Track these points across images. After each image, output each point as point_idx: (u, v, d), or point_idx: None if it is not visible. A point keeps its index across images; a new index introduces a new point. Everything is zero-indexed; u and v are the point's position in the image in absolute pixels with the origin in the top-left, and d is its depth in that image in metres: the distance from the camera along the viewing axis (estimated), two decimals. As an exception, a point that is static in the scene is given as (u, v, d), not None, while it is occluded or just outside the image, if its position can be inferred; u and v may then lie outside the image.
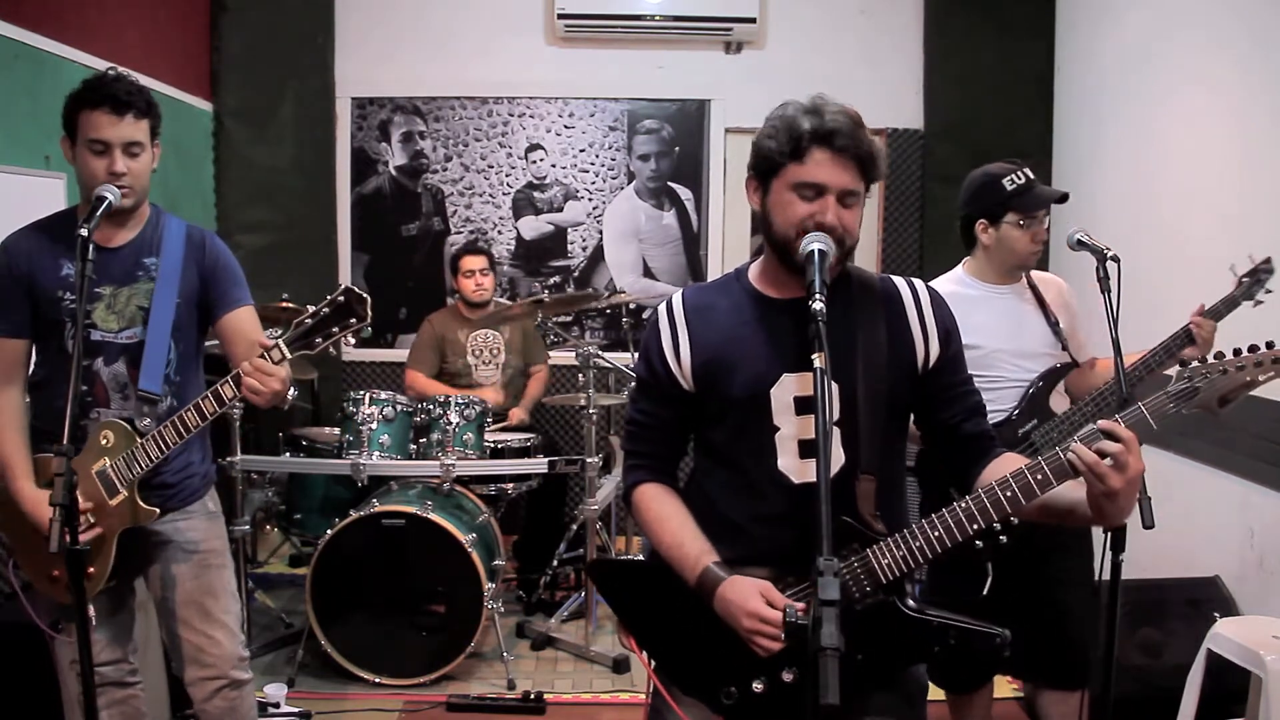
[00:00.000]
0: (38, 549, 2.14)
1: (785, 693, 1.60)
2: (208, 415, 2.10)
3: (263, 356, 2.01)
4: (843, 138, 1.55)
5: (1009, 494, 1.51)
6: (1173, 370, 2.44)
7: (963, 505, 1.53)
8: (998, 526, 1.54)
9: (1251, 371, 1.60)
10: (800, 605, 1.48)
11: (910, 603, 1.57)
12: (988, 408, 2.46)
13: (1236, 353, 1.62)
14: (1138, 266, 2.61)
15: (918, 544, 1.54)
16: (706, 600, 1.60)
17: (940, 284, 2.59)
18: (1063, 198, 2.48)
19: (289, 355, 2.03)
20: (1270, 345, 1.62)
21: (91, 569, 2.13)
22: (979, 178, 2.56)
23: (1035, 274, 2.60)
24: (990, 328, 2.49)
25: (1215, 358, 1.62)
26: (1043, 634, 2.54)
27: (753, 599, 1.54)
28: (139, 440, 2.14)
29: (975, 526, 1.52)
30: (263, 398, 2.03)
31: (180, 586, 2.28)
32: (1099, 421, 1.48)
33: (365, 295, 2.03)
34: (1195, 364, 1.61)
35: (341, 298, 2.02)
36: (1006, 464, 1.64)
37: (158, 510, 2.18)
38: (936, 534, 1.54)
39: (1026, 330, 2.53)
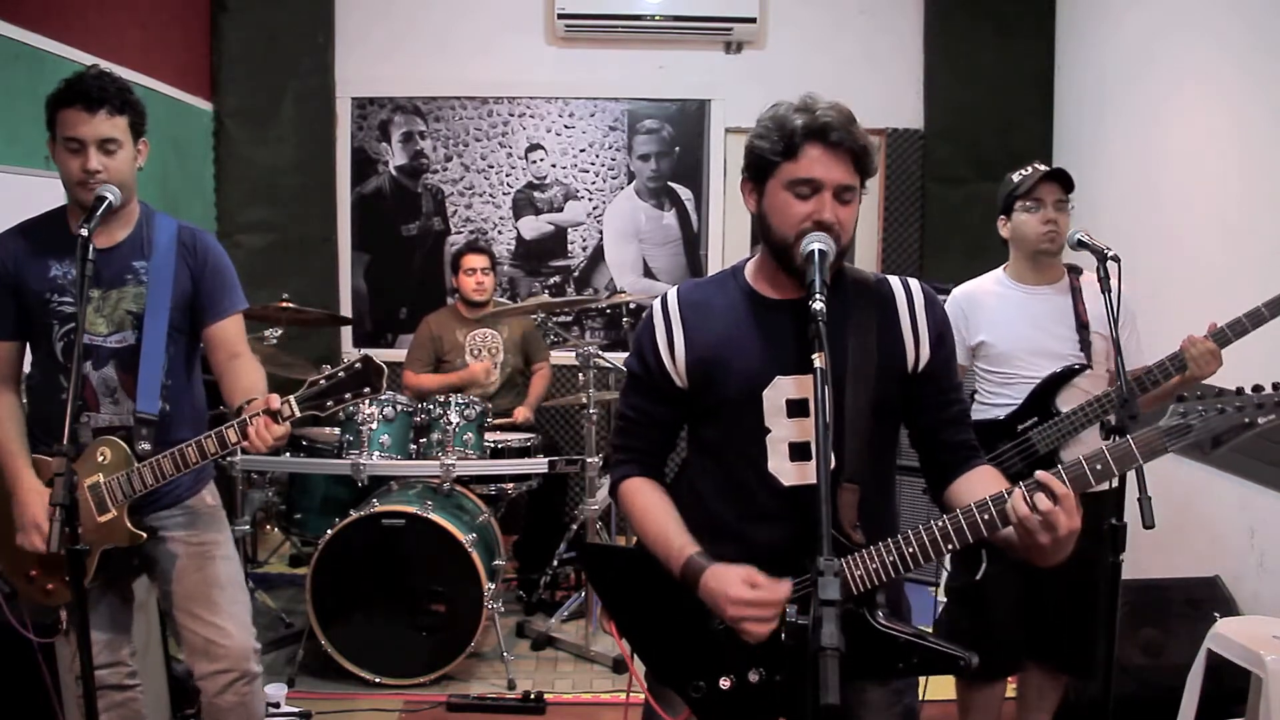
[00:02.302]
0: (15, 545, 2.13)
1: (750, 692, 1.61)
2: (209, 454, 2.09)
3: (273, 414, 2.03)
4: (836, 132, 1.54)
5: (985, 517, 1.50)
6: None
7: (939, 524, 1.53)
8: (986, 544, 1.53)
9: (1251, 413, 1.49)
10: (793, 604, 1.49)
11: (880, 615, 1.57)
12: (1000, 401, 2.54)
13: (1238, 391, 1.51)
14: (1138, 266, 2.62)
15: (892, 559, 1.54)
16: (691, 590, 1.60)
17: (978, 282, 2.68)
18: (1057, 173, 2.52)
19: (299, 413, 2.04)
20: (1276, 387, 1.50)
21: (66, 578, 2.10)
22: (1002, 184, 2.64)
23: (1090, 275, 2.55)
24: (1008, 326, 2.56)
25: (1217, 395, 1.52)
26: (1049, 621, 2.57)
27: (734, 585, 1.53)
28: (136, 465, 2.13)
29: (950, 546, 1.52)
30: (258, 451, 2.06)
31: (182, 580, 2.26)
32: (1038, 473, 1.46)
33: (383, 367, 2.06)
34: (1191, 400, 1.51)
35: (359, 365, 2.05)
36: (980, 478, 1.65)
37: (145, 535, 2.16)
38: (911, 550, 1.53)
39: (1047, 330, 2.54)
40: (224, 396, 2.28)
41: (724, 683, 1.62)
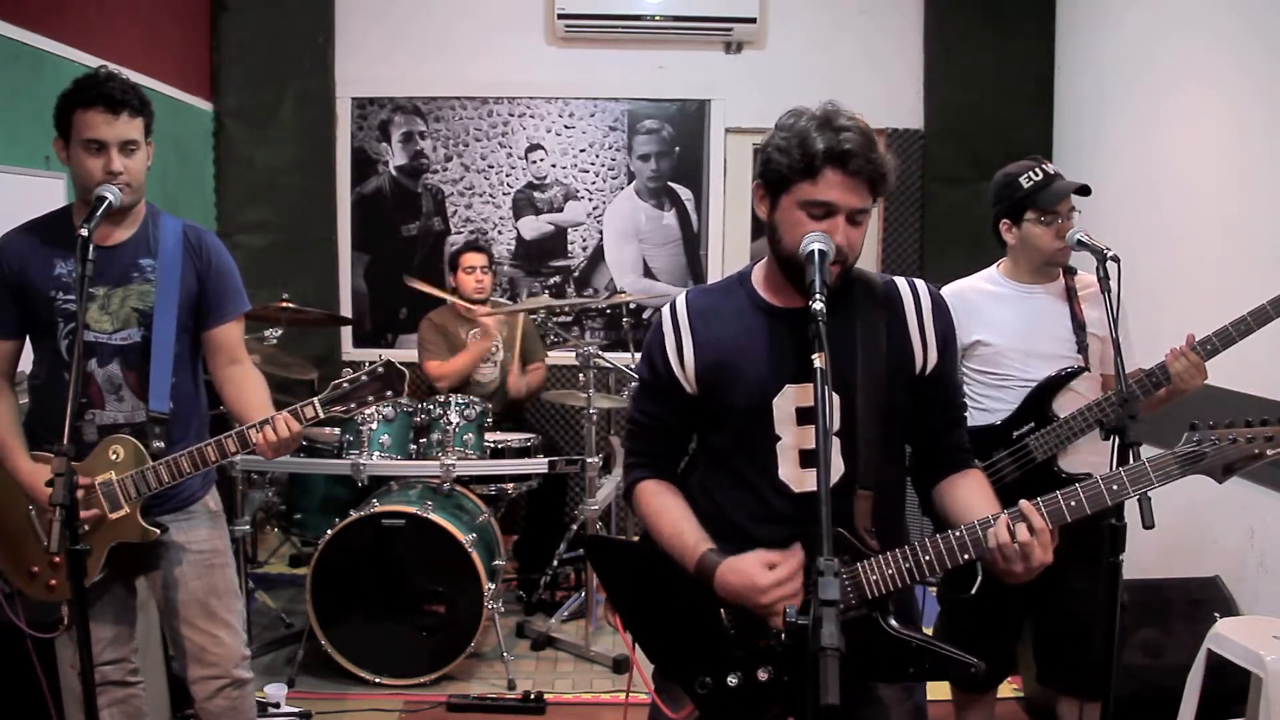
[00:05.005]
0: (15, 542, 2.13)
1: (758, 690, 1.61)
2: (228, 454, 2.12)
3: (296, 415, 2.07)
4: (857, 160, 1.52)
5: None
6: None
7: (956, 534, 1.55)
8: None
9: (1261, 445, 1.54)
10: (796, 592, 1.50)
11: (893, 621, 1.58)
12: (992, 405, 2.50)
13: (1249, 423, 1.55)
14: (1138, 266, 2.61)
15: (907, 565, 1.55)
16: (706, 585, 1.61)
17: (969, 281, 2.59)
18: (1081, 189, 2.44)
19: (322, 414, 2.09)
20: None
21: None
22: (999, 178, 2.55)
23: (1084, 277, 2.52)
24: (1005, 325, 2.48)
25: (1228, 426, 1.56)
26: (1059, 642, 2.53)
27: (758, 574, 1.55)
28: (151, 464, 2.14)
29: (966, 556, 1.54)
30: (269, 454, 2.10)
31: (184, 587, 2.28)
32: (1022, 502, 1.51)
33: (404, 371, 2.11)
34: (1204, 429, 1.55)
35: (381, 369, 2.10)
36: (969, 483, 1.68)
37: (158, 531, 2.18)
38: (927, 558, 1.55)
39: (1044, 331, 2.48)
40: (226, 405, 2.30)
41: (731, 680, 1.63)
